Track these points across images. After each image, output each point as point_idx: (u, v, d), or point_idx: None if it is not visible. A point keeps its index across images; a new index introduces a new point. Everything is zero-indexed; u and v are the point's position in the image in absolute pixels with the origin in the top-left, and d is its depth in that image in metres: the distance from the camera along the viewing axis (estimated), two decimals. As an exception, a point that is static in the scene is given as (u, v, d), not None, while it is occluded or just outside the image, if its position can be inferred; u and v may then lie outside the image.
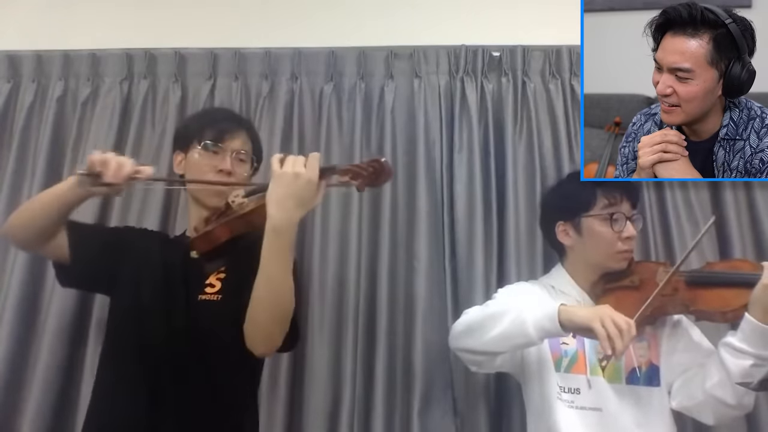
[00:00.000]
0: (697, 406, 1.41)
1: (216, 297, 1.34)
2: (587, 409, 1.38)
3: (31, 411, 1.77)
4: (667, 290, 1.41)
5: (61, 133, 2.07)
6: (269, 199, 1.19)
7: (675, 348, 1.48)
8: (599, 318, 1.21)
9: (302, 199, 1.19)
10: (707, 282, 1.44)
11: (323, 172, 1.22)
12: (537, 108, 2.02)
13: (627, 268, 1.51)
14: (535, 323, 1.27)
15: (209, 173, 1.42)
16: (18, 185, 2.02)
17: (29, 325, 1.87)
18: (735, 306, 1.36)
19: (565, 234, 1.55)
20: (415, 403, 1.76)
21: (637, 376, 1.43)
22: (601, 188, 1.51)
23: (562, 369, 1.42)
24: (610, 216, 1.48)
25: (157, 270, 1.39)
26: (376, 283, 1.87)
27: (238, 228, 1.29)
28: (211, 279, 1.36)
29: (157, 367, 1.29)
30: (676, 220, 1.92)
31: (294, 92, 2.07)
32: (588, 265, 1.53)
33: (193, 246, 1.34)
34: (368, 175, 1.23)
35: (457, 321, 1.45)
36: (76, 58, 2.13)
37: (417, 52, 2.08)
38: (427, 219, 1.92)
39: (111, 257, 1.43)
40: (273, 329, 1.25)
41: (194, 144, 1.45)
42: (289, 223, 1.19)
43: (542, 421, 1.41)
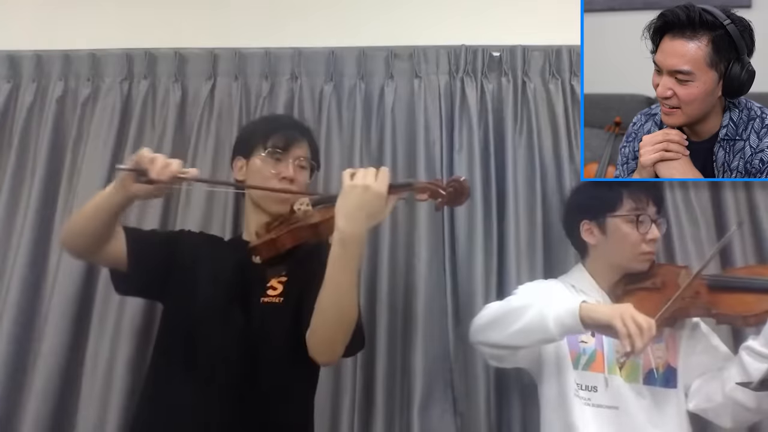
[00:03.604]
0: (715, 408, 1.41)
1: (279, 300, 1.34)
2: (604, 407, 1.39)
3: (31, 411, 1.77)
4: (688, 293, 1.41)
5: (61, 133, 2.07)
6: (338, 210, 1.21)
7: (693, 350, 1.49)
8: (620, 316, 1.21)
9: (371, 211, 1.21)
10: (729, 286, 1.45)
11: (397, 188, 1.24)
12: (537, 108, 2.02)
13: (648, 270, 1.51)
14: (556, 319, 1.28)
15: (272, 180, 1.43)
16: (18, 185, 2.02)
17: (29, 325, 1.87)
18: (757, 311, 1.37)
19: (589, 233, 1.55)
20: (415, 403, 1.76)
21: (654, 376, 1.43)
22: (627, 189, 1.51)
23: (581, 367, 1.43)
24: (636, 217, 1.48)
25: (218, 274, 1.39)
26: (376, 283, 1.87)
27: (303, 237, 1.30)
28: (273, 282, 1.36)
29: (216, 372, 1.28)
30: (676, 220, 1.92)
31: (294, 92, 2.07)
32: (610, 266, 1.53)
33: (256, 252, 1.33)
34: (448, 195, 1.24)
35: (479, 315, 1.45)
36: (76, 58, 2.13)
37: (417, 52, 2.08)
38: (427, 219, 1.92)
39: (169, 263, 1.43)
40: (336, 339, 1.25)
41: (258, 150, 1.46)
42: (357, 235, 1.21)
43: (558, 417, 1.42)
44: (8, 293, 1.87)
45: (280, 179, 1.43)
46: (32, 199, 1.97)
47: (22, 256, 1.90)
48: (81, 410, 1.78)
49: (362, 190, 1.20)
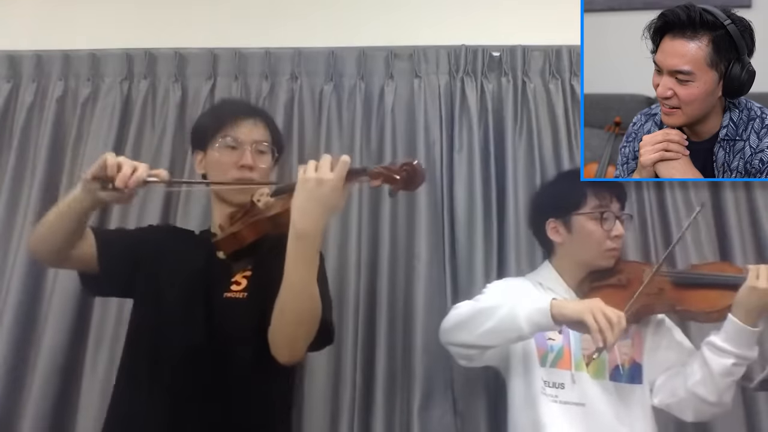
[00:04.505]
0: (678, 403, 1.44)
1: (242, 295, 1.32)
2: (571, 404, 1.40)
3: (31, 411, 1.77)
4: (653, 289, 1.44)
5: (61, 133, 2.07)
6: (293, 205, 1.16)
7: (658, 346, 1.51)
8: (590, 311, 1.24)
9: (326, 205, 1.16)
10: (693, 283, 1.48)
11: (352, 175, 1.19)
12: (537, 108, 2.02)
13: (614, 266, 1.53)
14: (527, 317, 1.29)
15: (231, 170, 1.39)
16: (18, 185, 2.02)
17: (29, 325, 1.88)
18: (719, 307, 1.40)
19: (555, 231, 1.57)
20: (415, 403, 1.76)
21: (620, 373, 1.45)
22: (591, 188, 1.54)
23: (548, 364, 1.44)
24: (600, 214, 1.51)
25: (183, 269, 1.37)
26: (376, 283, 1.87)
27: (264, 229, 1.27)
28: (237, 277, 1.34)
29: (180, 369, 1.26)
30: (676, 220, 1.92)
31: (294, 92, 2.07)
32: (576, 263, 1.55)
33: (219, 246, 1.30)
34: (401, 179, 1.20)
35: (448, 315, 1.46)
36: (76, 58, 2.13)
37: (417, 52, 2.08)
38: (427, 219, 1.92)
39: (137, 261, 1.40)
40: (296, 336, 1.22)
41: (212, 141, 1.42)
42: (313, 230, 1.16)
43: (526, 415, 1.43)
44: (8, 293, 1.88)
45: (239, 168, 1.38)
46: (32, 199, 1.97)
47: (22, 256, 1.90)
48: (81, 410, 1.78)
49: (316, 183, 1.14)
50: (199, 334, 1.27)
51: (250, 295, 1.31)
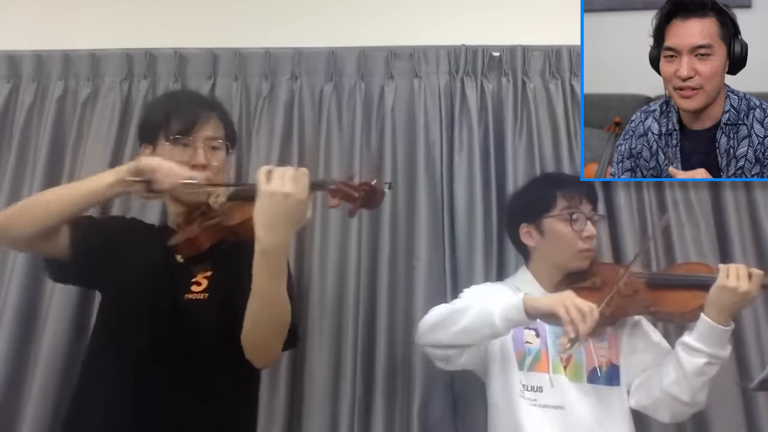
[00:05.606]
0: (653, 404, 1.44)
1: (203, 296, 1.30)
2: (549, 407, 1.41)
3: (31, 411, 1.77)
4: (627, 291, 1.46)
5: (61, 133, 2.07)
6: (258, 219, 1.12)
7: (635, 348, 1.52)
8: (562, 303, 1.25)
9: (292, 219, 1.13)
10: (666, 284, 1.49)
11: (313, 187, 1.16)
12: (537, 108, 2.02)
13: (589, 269, 1.54)
14: (501, 313, 1.31)
15: None
16: (18, 185, 2.02)
17: (29, 325, 1.88)
18: (692, 307, 1.41)
19: (528, 236, 1.58)
20: (415, 403, 1.76)
21: (598, 375, 1.46)
22: (560, 190, 1.55)
23: (526, 367, 1.45)
24: (570, 215, 1.52)
25: (145, 264, 1.34)
26: (376, 282, 1.87)
27: (222, 236, 1.26)
28: (198, 277, 1.32)
29: (144, 369, 1.25)
30: (676, 220, 1.92)
31: (294, 92, 2.07)
32: (552, 266, 1.56)
33: (177, 250, 1.30)
34: (359, 198, 1.17)
35: (424, 318, 1.47)
36: (76, 58, 2.13)
37: (417, 52, 2.08)
38: (427, 219, 1.92)
39: (105, 253, 1.36)
40: (271, 342, 1.24)
41: (162, 137, 1.34)
42: (281, 245, 1.15)
43: (505, 418, 1.44)
44: (8, 293, 1.88)
45: (192, 167, 1.30)
46: (32, 199, 1.96)
47: (22, 256, 1.90)
48: (81, 410, 1.78)
49: (283, 198, 1.10)
50: (160, 334, 1.26)
51: (211, 296, 1.30)
